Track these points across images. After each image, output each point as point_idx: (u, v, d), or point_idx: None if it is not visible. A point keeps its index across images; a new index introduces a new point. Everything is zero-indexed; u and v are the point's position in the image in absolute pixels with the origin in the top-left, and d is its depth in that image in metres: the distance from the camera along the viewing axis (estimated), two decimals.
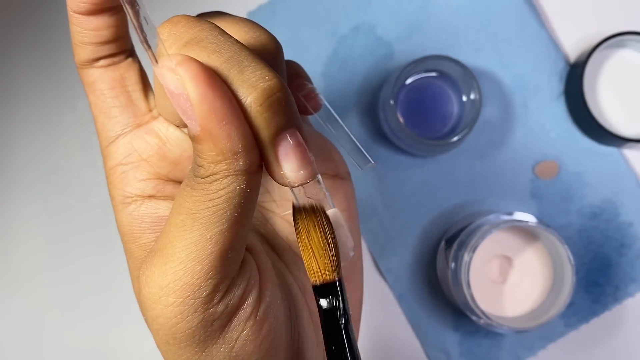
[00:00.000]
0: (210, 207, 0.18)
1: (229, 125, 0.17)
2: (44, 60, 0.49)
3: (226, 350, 0.20)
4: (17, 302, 0.48)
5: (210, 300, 0.19)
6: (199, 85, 0.17)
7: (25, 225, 0.49)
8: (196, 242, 0.18)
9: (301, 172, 0.18)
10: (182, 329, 0.19)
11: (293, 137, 0.18)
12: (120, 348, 0.48)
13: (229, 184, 0.18)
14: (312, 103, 0.25)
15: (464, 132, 0.43)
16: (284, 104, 0.18)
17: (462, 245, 0.42)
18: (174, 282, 0.19)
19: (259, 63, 0.18)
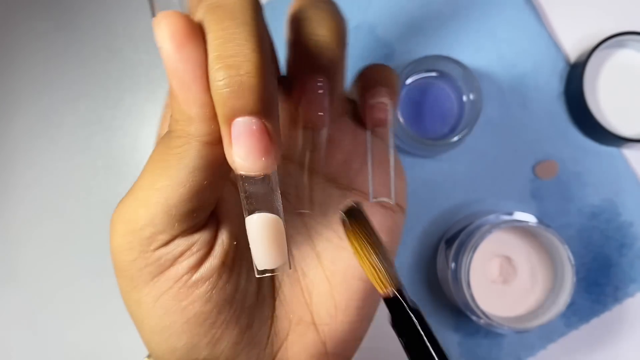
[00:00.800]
0: (163, 159, 0.19)
1: (187, 89, 0.17)
2: (44, 60, 0.49)
3: (152, 297, 0.21)
4: (17, 302, 0.48)
5: (147, 244, 0.20)
6: (171, 43, 0.17)
7: (25, 225, 0.49)
8: (147, 187, 0.19)
9: (250, 161, 0.17)
10: (120, 258, 0.21)
11: (252, 123, 0.17)
12: (121, 348, 0.48)
13: (182, 144, 0.18)
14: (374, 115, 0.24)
15: (464, 132, 0.43)
16: (248, 89, 0.17)
17: (462, 245, 0.42)
18: (124, 214, 0.20)
19: (250, 42, 0.17)
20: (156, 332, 0.21)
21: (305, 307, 0.24)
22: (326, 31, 0.21)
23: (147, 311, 0.21)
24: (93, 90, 0.49)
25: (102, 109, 0.49)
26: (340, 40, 0.22)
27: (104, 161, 0.49)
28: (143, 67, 0.49)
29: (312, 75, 0.22)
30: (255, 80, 0.17)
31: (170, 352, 0.22)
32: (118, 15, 0.49)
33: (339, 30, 0.22)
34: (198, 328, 0.21)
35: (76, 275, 0.48)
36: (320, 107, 0.22)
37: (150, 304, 0.21)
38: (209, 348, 0.21)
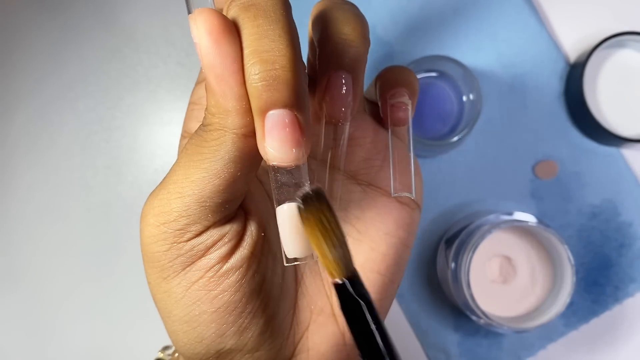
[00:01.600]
0: (198, 152, 0.20)
1: (224, 83, 0.18)
2: (44, 60, 0.49)
3: (183, 287, 0.21)
4: (17, 302, 0.48)
5: (179, 235, 0.21)
6: (208, 38, 0.18)
7: (25, 225, 0.49)
8: (182, 180, 0.20)
9: (282, 152, 0.18)
10: (152, 250, 0.21)
11: (285, 115, 0.18)
12: (121, 348, 0.48)
13: (218, 137, 0.19)
14: (395, 114, 0.25)
15: (464, 132, 0.43)
16: (283, 82, 0.18)
17: (462, 245, 0.42)
18: (158, 207, 0.21)
19: (283, 38, 0.18)
20: (185, 321, 0.22)
21: (326, 299, 0.25)
22: (350, 30, 0.22)
23: (176, 301, 0.21)
24: (93, 90, 0.49)
25: (101, 109, 0.49)
26: (363, 38, 0.23)
27: (104, 161, 0.49)
28: (143, 67, 0.49)
29: (336, 72, 0.23)
30: (289, 74, 0.18)
31: (198, 341, 0.22)
32: (118, 15, 0.49)
33: (362, 30, 0.23)
34: (227, 317, 0.21)
35: (76, 275, 0.48)
36: (343, 102, 0.23)
37: (181, 294, 0.21)
38: (236, 337, 0.22)
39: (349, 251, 0.20)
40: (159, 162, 0.49)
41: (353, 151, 0.25)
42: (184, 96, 0.49)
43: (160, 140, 0.49)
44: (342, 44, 0.22)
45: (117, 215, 0.48)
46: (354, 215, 0.25)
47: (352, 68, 0.23)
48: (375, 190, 0.25)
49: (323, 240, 0.19)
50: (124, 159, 0.49)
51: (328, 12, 0.23)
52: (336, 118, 0.23)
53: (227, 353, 0.22)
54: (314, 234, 0.19)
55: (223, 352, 0.22)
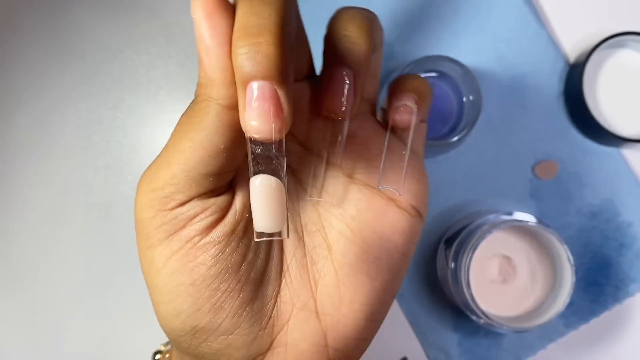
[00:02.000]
0: (187, 122, 0.21)
1: (212, 54, 0.19)
2: (45, 61, 0.49)
3: (164, 257, 0.22)
4: (16, 302, 0.49)
5: (164, 203, 0.21)
6: (200, 11, 0.19)
7: (25, 225, 0.49)
8: (170, 149, 0.21)
9: (260, 124, 0.19)
10: (139, 216, 0.22)
11: (265, 88, 0.18)
12: (121, 348, 0.48)
13: (203, 108, 0.20)
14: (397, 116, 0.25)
15: (464, 132, 0.43)
16: (266, 56, 0.18)
17: (462, 245, 0.42)
18: (148, 175, 0.22)
19: (274, 17, 0.19)
20: (164, 292, 0.22)
21: (310, 295, 0.25)
22: (356, 28, 0.23)
23: (157, 270, 0.22)
24: (93, 90, 0.49)
25: (102, 110, 0.49)
26: (369, 38, 0.23)
27: (104, 161, 0.49)
28: (143, 67, 0.49)
29: (338, 67, 0.23)
30: (272, 48, 0.18)
31: (175, 314, 0.22)
32: (118, 15, 0.49)
33: (368, 29, 0.24)
34: (202, 291, 0.22)
35: (76, 275, 0.48)
36: (342, 97, 0.23)
37: (162, 263, 0.22)
38: (211, 315, 0.22)
39: None
40: None
41: (354, 149, 0.25)
42: (185, 97, 0.49)
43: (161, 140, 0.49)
44: (345, 40, 0.23)
45: (118, 215, 0.48)
46: (350, 215, 0.25)
47: (354, 64, 0.23)
48: (373, 191, 0.25)
49: None
50: (125, 159, 0.49)
51: (339, 12, 0.24)
52: (335, 113, 0.24)
53: (202, 332, 0.23)
54: None
55: (198, 329, 0.22)
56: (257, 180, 0.20)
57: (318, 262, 0.25)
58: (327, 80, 0.23)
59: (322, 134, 0.25)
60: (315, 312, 0.25)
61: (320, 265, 0.25)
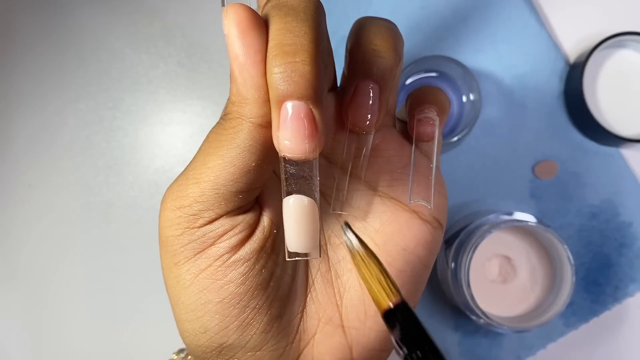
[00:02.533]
0: (217, 140, 0.20)
1: (246, 72, 0.19)
2: (45, 60, 0.49)
3: (191, 274, 0.22)
4: (17, 302, 0.49)
5: (192, 221, 0.21)
6: (235, 29, 0.18)
7: (25, 225, 0.49)
8: (199, 165, 0.21)
9: (294, 144, 0.19)
10: (166, 233, 0.22)
11: (301, 107, 0.18)
12: (121, 347, 0.48)
13: (235, 125, 0.20)
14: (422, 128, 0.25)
15: (464, 132, 0.43)
16: (301, 75, 0.18)
17: (462, 245, 0.42)
18: (176, 191, 0.21)
19: (308, 34, 0.19)
20: (191, 310, 0.22)
21: (336, 309, 0.25)
22: (381, 41, 0.23)
23: (184, 288, 0.22)
24: (93, 90, 0.49)
25: (102, 109, 0.49)
26: (394, 51, 0.23)
27: (104, 161, 0.49)
28: (143, 67, 0.49)
29: (363, 81, 0.23)
30: (308, 67, 0.18)
31: (202, 332, 0.22)
32: (119, 16, 0.49)
33: (393, 42, 0.23)
34: (231, 309, 0.22)
35: (76, 275, 0.48)
36: (368, 111, 0.23)
37: (189, 280, 0.22)
38: (239, 332, 0.22)
39: (390, 280, 0.20)
40: (159, 162, 0.49)
41: (377, 162, 0.25)
42: (184, 96, 0.49)
43: (161, 140, 0.49)
44: (371, 54, 0.22)
45: (118, 215, 0.48)
46: (373, 228, 0.25)
47: (380, 78, 0.23)
48: (396, 204, 0.25)
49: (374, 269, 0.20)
50: (125, 159, 0.49)
51: (363, 24, 0.24)
52: (360, 127, 0.23)
53: (229, 349, 0.22)
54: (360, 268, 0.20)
55: (225, 346, 0.22)
56: (291, 200, 0.20)
57: (342, 275, 0.25)
58: (353, 93, 0.23)
59: (346, 146, 0.25)
60: (341, 326, 0.25)
61: (345, 278, 0.25)
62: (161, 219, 0.22)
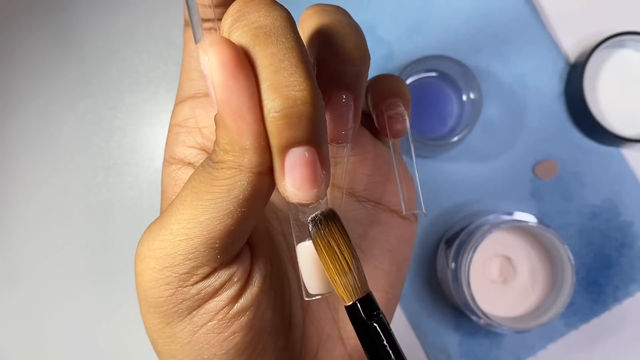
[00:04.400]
0: (209, 192, 0.18)
1: (241, 120, 0.17)
2: (45, 61, 0.49)
3: (189, 332, 0.20)
4: (16, 302, 0.48)
5: (185, 279, 0.19)
6: (222, 72, 0.16)
7: (25, 225, 0.49)
8: (188, 220, 0.19)
9: (303, 191, 0.18)
10: (153, 295, 0.20)
11: (306, 153, 0.17)
12: (120, 347, 0.48)
13: (232, 176, 0.18)
14: (395, 126, 0.24)
15: (464, 132, 0.43)
16: (305, 119, 0.17)
17: (462, 245, 0.42)
18: (159, 249, 0.19)
19: (300, 69, 0.17)
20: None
21: (333, 323, 0.24)
22: (352, 47, 0.21)
23: (182, 346, 0.20)
24: (93, 90, 0.49)
25: (102, 109, 0.49)
26: (365, 55, 0.22)
27: (104, 161, 0.49)
28: (143, 67, 0.49)
29: (337, 92, 0.21)
30: (311, 109, 0.17)
31: None
32: (119, 15, 0.49)
33: (363, 45, 0.22)
34: (237, 358, 0.20)
35: (76, 275, 0.48)
36: (345, 123, 0.22)
37: (187, 338, 0.20)
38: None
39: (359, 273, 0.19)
40: (159, 162, 0.49)
41: (353, 168, 0.25)
42: None
43: (161, 140, 0.49)
44: (344, 64, 0.21)
45: (117, 215, 0.48)
46: (357, 234, 0.24)
47: (354, 87, 0.22)
48: (376, 206, 0.25)
49: (331, 265, 0.19)
50: (125, 159, 0.49)
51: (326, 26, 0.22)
52: (337, 139, 0.22)
53: None
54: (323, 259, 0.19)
55: None
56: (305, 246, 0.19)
57: None
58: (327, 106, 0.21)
59: None
60: (340, 339, 0.24)
61: None
62: (143, 279, 0.20)
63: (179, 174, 0.22)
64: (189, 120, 0.23)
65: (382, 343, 0.19)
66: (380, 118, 0.24)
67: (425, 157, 0.47)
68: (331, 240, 0.19)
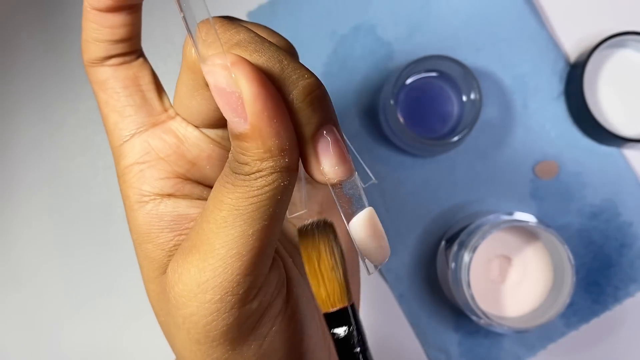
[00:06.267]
0: (254, 203, 0.18)
1: (279, 123, 0.17)
2: (45, 61, 0.49)
3: (256, 347, 0.20)
4: (16, 302, 0.48)
5: (247, 297, 0.19)
6: (253, 84, 0.17)
7: (25, 226, 0.49)
8: (238, 238, 0.18)
9: (340, 168, 0.19)
10: (217, 326, 0.19)
11: (332, 133, 0.18)
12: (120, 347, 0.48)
13: (274, 180, 0.18)
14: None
15: (464, 132, 0.43)
16: (323, 101, 0.18)
17: (462, 245, 0.42)
18: (212, 279, 0.19)
19: (296, 62, 0.18)
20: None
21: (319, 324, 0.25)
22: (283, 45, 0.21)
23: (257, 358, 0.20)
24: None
25: None
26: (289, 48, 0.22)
27: (104, 161, 0.49)
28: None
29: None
30: (324, 91, 0.18)
31: None
32: None
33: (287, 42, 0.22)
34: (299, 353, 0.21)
35: (76, 275, 0.48)
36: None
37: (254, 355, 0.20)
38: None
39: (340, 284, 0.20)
40: None
41: None
42: None
43: None
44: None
45: (117, 215, 0.48)
46: (315, 212, 0.26)
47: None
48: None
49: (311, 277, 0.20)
50: None
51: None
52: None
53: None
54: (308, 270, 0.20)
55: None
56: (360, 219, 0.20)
57: None
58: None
59: None
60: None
61: None
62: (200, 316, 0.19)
63: (161, 208, 0.22)
64: (147, 154, 0.22)
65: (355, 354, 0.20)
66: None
67: (425, 157, 0.47)
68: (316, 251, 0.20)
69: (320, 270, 0.19)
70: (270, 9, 0.48)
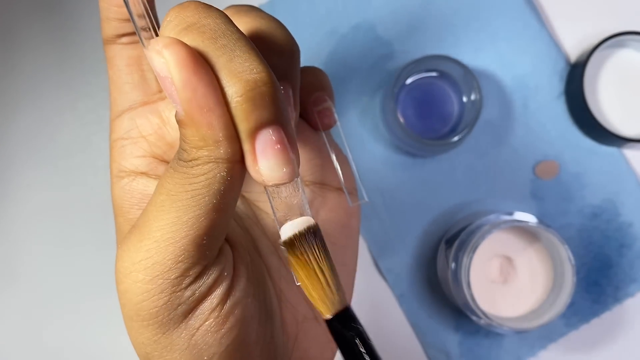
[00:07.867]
0: (189, 190, 0.18)
1: (210, 113, 0.17)
2: (45, 60, 0.49)
3: (186, 336, 0.20)
4: (16, 302, 0.48)
5: (178, 284, 0.19)
6: (183, 70, 0.17)
7: (25, 225, 0.49)
8: (172, 224, 0.18)
9: (277, 171, 0.18)
10: (147, 307, 0.19)
11: (274, 133, 0.18)
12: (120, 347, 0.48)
13: (209, 170, 0.18)
14: (325, 120, 0.25)
15: (464, 132, 0.43)
16: (268, 99, 0.17)
17: (463, 246, 0.42)
18: (145, 260, 0.19)
19: (252, 55, 0.17)
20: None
21: (305, 305, 0.25)
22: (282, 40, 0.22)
23: (180, 353, 0.20)
24: (93, 90, 0.49)
25: (101, 109, 0.49)
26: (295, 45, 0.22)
27: (104, 161, 0.49)
28: None
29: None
30: (272, 89, 0.17)
31: None
32: None
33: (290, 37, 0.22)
34: (235, 353, 0.21)
35: (76, 275, 0.48)
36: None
37: (185, 344, 0.20)
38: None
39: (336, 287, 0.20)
40: None
41: None
42: None
43: None
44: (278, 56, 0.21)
45: None
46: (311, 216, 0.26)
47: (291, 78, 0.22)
48: (322, 187, 0.26)
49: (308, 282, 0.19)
50: None
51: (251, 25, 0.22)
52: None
53: None
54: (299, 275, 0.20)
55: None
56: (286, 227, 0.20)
57: None
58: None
59: None
60: (314, 318, 0.25)
61: None
62: (132, 294, 0.19)
63: (133, 185, 0.22)
64: (131, 131, 0.23)
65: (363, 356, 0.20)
66: (310, 114, 0.25)
67: (425, 157, 0.47)
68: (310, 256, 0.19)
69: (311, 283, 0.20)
70: (270, 8, 0.48)
